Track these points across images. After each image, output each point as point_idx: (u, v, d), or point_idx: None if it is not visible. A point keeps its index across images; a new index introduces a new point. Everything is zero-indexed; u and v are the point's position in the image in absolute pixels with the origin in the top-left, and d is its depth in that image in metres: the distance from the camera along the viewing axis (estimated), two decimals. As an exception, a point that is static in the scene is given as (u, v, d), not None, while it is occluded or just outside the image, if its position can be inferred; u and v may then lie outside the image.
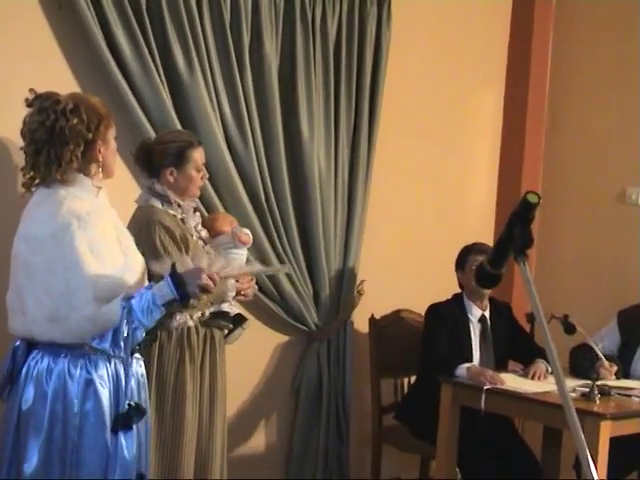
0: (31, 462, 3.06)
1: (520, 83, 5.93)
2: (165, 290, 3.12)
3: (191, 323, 3.99)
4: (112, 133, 3.30)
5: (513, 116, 5.97)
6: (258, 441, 5.16)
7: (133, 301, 3.09)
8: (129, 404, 3.14)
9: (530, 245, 2.29)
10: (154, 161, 4.00)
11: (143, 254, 3.47)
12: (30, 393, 3.11)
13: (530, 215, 2.29)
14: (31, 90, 3.23)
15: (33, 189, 3.23)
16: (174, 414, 3.94)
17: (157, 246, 3.80)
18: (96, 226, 3.15)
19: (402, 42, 5.38)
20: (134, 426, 3.17)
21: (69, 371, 3.11)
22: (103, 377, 3.15)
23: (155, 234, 3.82)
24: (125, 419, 3.12)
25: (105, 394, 3.14)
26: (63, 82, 4.12)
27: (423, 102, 5.65)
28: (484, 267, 2.42)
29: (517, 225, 2.30)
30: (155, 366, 3.90)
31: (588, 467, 2.09)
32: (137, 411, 3.16)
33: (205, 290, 3.21)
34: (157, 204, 3.96)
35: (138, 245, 3.50)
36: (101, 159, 3.24)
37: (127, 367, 3.20)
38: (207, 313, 4.06)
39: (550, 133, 5.99)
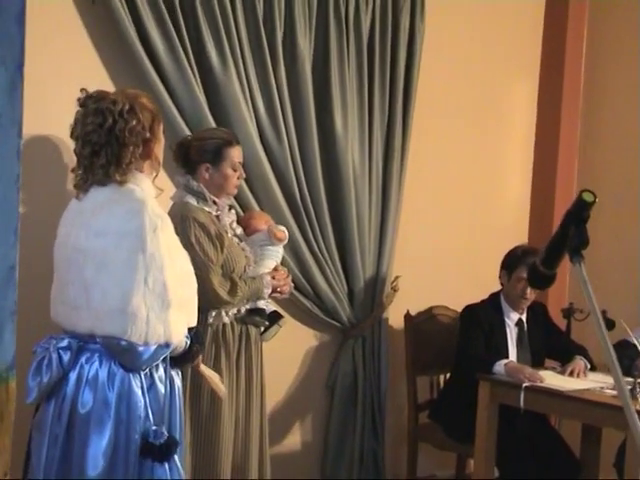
0: (97, 466, 3.00)
1: (555, 75, 5.87)
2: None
3: (226, 320, 3.97)
4: (161, 129, 3.27)
5: (548, 109, 5.91)
6: (293, 439, 5.14)
7: None
8: (168, 436, 3.07)
9: (586, 245, 2.23)
10: (191, 157, 3.99)
11: None
12: (88, 397, 3.04)
13: (585, 214, 2.24)
14: (82, 90, 3.17)
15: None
16: (210, 413, 3.92)
17: (192, 242, 3.78)
18: (170, 228, 3.12)
19: (436, 36, 5.34)
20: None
21: (132, 375, 3.06)
22: (162, 377, 3.13)
23: (190, 230, 3.81)
24: (167, 451, 3.06)
25: (165, 395, 3.12)
26: (97, 79, 4.11)
27: (457, 97, 5.60)
28: (537, 268, 2.37)
29: (572, 224, 2.25)
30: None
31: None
32: (175, 443, 3.09)
33: None
34: (192, 201, 3.94)
35: None
36: (154, 156, 3.22)
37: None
38: (243, 310, 4.04)
39: (585, 127, 5.92)
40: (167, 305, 3.01)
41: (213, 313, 3.91)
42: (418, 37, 5.21)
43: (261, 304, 4.12)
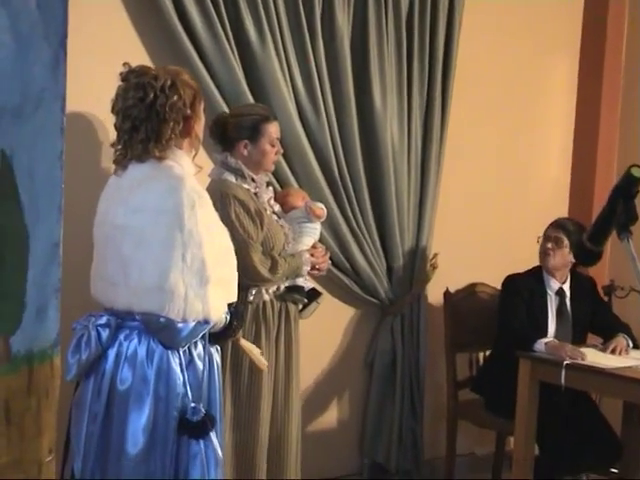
0: (137, 443, 3.01)
1: (596, 50, 5.81)
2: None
3: (267, 297, 3.97)
4: (202, 107, 3.26)
5: (588, 83, 5.85)
6: (331, 416, 5.14)
7: None
8: (205, 413, 3.07)
9: (635, 221, 2.22)
10: (229, 134, 3.97)
11: None
12: (127, 374, 3.05)
13: (634, 190, 2.22)
14: (125, 64, 3.17)
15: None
16: (250, 390, 3.93)
17: (232, 219, 3.77)
18: (209, 205, 3.11)
19: (475, 10, 5.29)
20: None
21: (171, 352, 3.07)
22: (200, 354, 3.13)
23: (230, 207, 3.80)
24: (202, 428, 3.06)
25: (204, 372, 3.12)
26: (135, 55, 4.07)
27: (496, 73, 5.56)
28: (583, 243, 2.34)
29: (620, 200, 2.22)
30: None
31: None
32: (211, 420, 3.09)
33: None
34: (231, 178, 3.93)
35: None
36: (194, 133, 3.21)
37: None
38: (282, 287, 4.03)
39: (626, 102, 5.85)
40: (205, 282, 3.01)
41: (253, 291, 3.91)
42: (457, 13, 5.17)
43: (300, 281, 4.12)
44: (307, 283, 4.18)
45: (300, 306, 4.18)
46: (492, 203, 5.60)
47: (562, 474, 4.80)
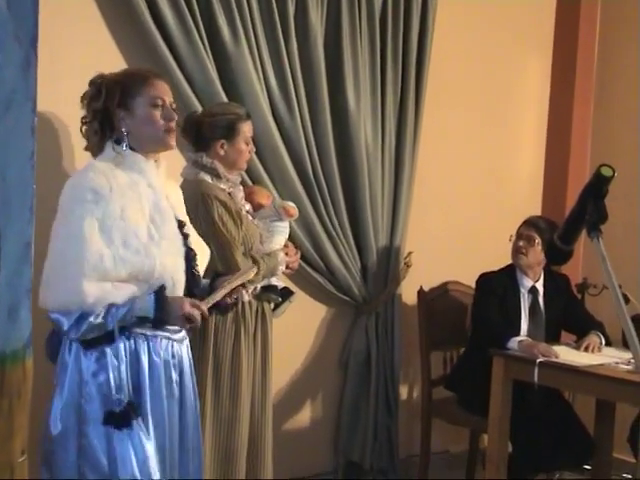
0: (57, 427, 3.06)
1: (568, 50, 5.84)
2: (145, 306, 3.06)
3: (246, 298, 3.96)
4: (142, 101, 3.13)
5: (561, 84, 5.89)
6: (306, 415, 5.15)
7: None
8: (128, 402, 3.05)
9: (604, 220, 2.23)
10: (203, 134, 3.94)
11: (201, 229, 3.45)
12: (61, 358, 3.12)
13: (604, 189, 2.23)
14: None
15: None
16: (231, 389, 3.93)
17: (216, 220, 3.76)
18: (115, 203, 3.01)
19: (449, 10, 5.31)
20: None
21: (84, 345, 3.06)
22: (119, 350, 3.07)
23: (213, 209, 3.77)
24: (124, 418, 3.04)
25: (120, 367, 3.07)
26: (108, 56, 4.09)
27: (470, 72, 5.59)
28: (554, 243, 2.36)
29: (590, 199, 2.24)
30: (211, 342, 3.87)
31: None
32: (134, 409, 3.05)
33: (190, 320, 3.10)
34: (207, 178, 3.90)
35: (195, 220, 3.46)
36: (124, 129, 3.12)
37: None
38: (259, 287, 4.03)
39: (599, 101, 5.89)
40: (81, 274, 2.93)
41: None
42: (431, 11, 5.19)
43: (274, 280, 4.12)
44: (279, 282, 4.19)
45: (272, 305, 4.19)
46: (466, 201, 5.63)
47: (535, 472, 4.83)
